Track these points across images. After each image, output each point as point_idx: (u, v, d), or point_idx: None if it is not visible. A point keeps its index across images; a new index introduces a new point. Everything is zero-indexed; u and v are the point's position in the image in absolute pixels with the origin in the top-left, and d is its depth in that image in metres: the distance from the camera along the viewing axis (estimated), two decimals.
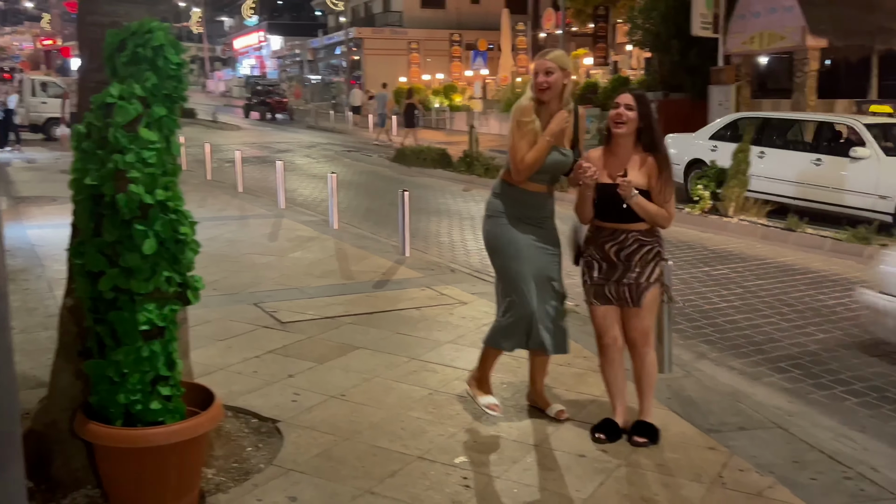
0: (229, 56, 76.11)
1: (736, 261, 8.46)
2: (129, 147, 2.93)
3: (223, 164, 17.39)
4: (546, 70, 3.82)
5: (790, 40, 17.69)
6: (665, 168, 3.75)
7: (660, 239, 3.85)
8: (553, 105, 3.87)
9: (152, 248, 2.91)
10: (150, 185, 2.95)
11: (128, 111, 2.96)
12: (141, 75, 2.99)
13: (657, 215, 3.74)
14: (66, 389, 3.37)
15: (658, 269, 3.81)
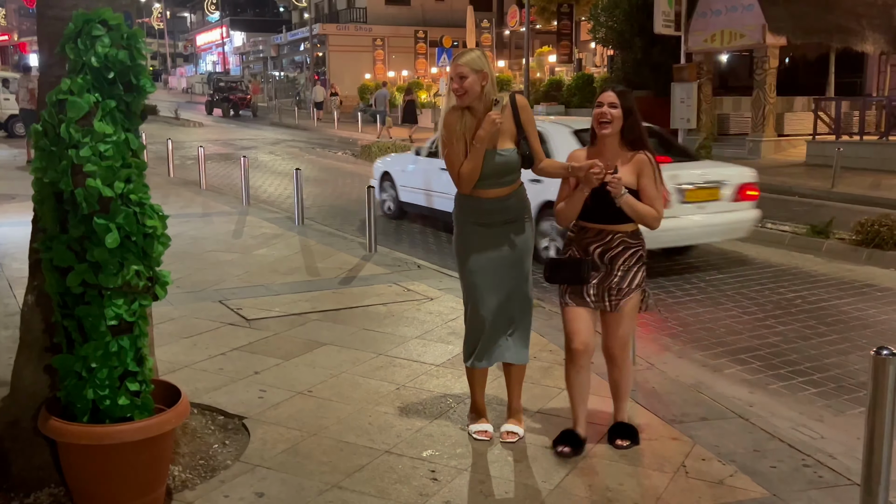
0: (191, 52, 75.20)
1: (697, 255, 8.58)
2: (84, 141, 2.90)
3: (186, 161, 17.20)
4: (459, 75, 3.62)
5: (750, 38, 17.98)
6: (652, 166, 3.60)
7: (643, 242, 3.71)
8: (478, 107, 3.66)
9: (115, 242, 2.88)
10: (109, 177, 2.91)
11: (80, 105, 2.92)
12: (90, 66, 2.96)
13: (646, 215, 3.58)
14: (27, 388, 3.32)
15: (640, 273, 3.68)
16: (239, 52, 63.47)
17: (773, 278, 7.56)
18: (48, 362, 3.22)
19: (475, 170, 3.66)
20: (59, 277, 2.99)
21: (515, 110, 3.71)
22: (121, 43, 3.02)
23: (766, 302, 6.76)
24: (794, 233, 9.10)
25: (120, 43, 3.01)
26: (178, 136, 23.32)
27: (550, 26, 31.90)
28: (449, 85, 3.70)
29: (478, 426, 3.91)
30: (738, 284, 7.32)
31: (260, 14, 67.38)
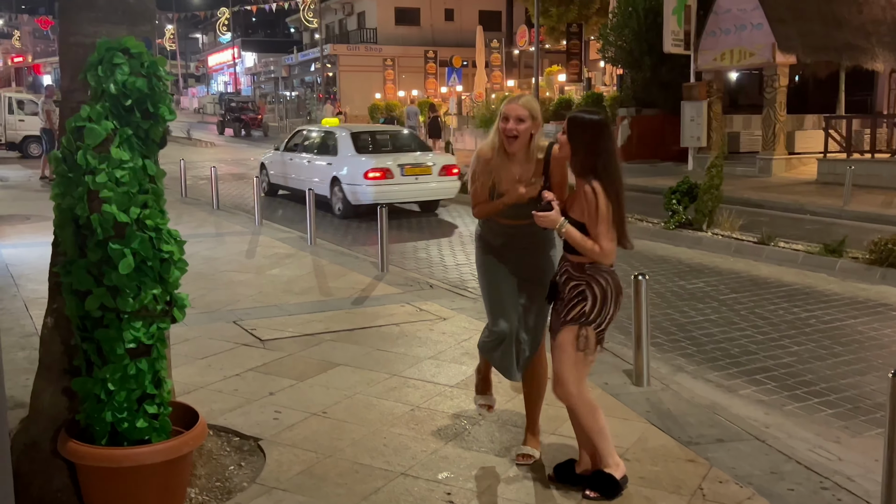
0: (203, 73, 75.88)
1: (710, 274, 8.57)
2: (100, 167, 2.94)
3: (198, 181, 17.32)
4: (518, 117, 3.57)
5: (760, 57, 18.01)
6: (589, 203, 3.35)
7: (594, 278, 3.43)
8: (520, 154, 3.63)
9: (129, 267, 2.92)
10: (125, 203, 2.95)
11: (97, 132, 2.97)
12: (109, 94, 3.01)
13: (584, 248, 3.38)
14: (46, 409, 3.35)
15: (578, 308, 3.43)
16: (250, 73, 64.02)
17: (787, 298, 7.53)
18: (67, 384, 3.25)
19: (489, 214, 3.74)
20: (78, 301, 3.03)
21: (548, 162, 3.66)
22: (140, 71, 3.07)
23: (780, 322, 6.73)
24: (806, 251, 9.07)
25: (139, 71, 3.07)
26: (191, 156, 23.47)
27: (560, 46, 32.04)
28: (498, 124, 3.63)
29: (482, 398, 4.05)
30: (751, 304, 7.30)
31: (271, 35, 68.05)
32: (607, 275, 3.45)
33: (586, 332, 3.45)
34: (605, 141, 3.41)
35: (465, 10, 46.63)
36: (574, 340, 3.45)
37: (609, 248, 3.39)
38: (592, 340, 3.47)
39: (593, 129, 3.40)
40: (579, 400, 3.49)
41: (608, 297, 3.44)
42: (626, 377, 5.00)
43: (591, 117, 3.43)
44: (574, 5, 30.46)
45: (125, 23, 3.28)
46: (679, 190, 10.65)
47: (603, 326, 3.49)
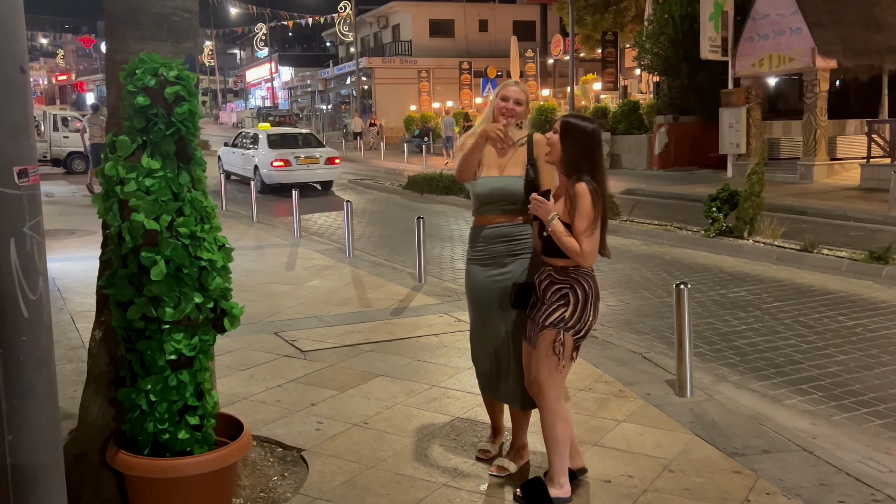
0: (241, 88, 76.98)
1: (752, 283, 8.44)
2: (129, 177, 2.99)
3: (237, 195, 17.53)
4: (516, 100, 3.74)
5: (799, 62, 17.76)
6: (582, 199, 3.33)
7: (577, 281, 3.41)
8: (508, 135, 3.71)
9: (161, 274, 2.94)
10: (154, 211, 2.98)
11: (126, 144, 3.02)
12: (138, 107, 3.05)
13: (568, 246, 3.34)
14: (95, 420, 3.41)
15: (559, 312, 3.39)
16: (287, 87, 64.77)
17: (832, 306, 7.39)
18: (114, 396, 3.30)
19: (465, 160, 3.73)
20: (122, 312, 3.08)
21: (531, 145, 3.76)
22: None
23: (825, 330, 6.60)
24: (851, 259, 8.89)
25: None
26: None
27: (595, 54, 31.94)
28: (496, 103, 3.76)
29: (483, 444, 4.02)
30: (795, 312, 7.17)
31: (307, 49, 68.86)
32: (589, 279, 3.45)
33: (563, 338, 3.39)
34: (596, 146, 3.46)
35: (499, 21, 46.71)
36: (551, 345, 3.39)
37: (590, 249, 3.35)
38: (569, 347, 3.41)
39: (586, 133, 3.43)
40: (552, 404, 3.43)
41: (588, 302, 3.43)
42: (669, 387, 4.95)
43: (586, 123, 3.47)
44: (609, 13, 30.34)
45: (169, 40, 3.34)
46: (719, 197, 10.52)
47: (581, 334, 3.44)
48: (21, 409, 1.88)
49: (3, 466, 1.88)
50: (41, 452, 1.89)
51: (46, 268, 1.97)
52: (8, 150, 1.88)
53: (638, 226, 11.88)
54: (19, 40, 1.86)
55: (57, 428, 1.89)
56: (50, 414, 1.90)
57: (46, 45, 77.89)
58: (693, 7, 20.15)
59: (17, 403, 1.86)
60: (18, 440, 1.85)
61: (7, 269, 1.87)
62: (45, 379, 1.91)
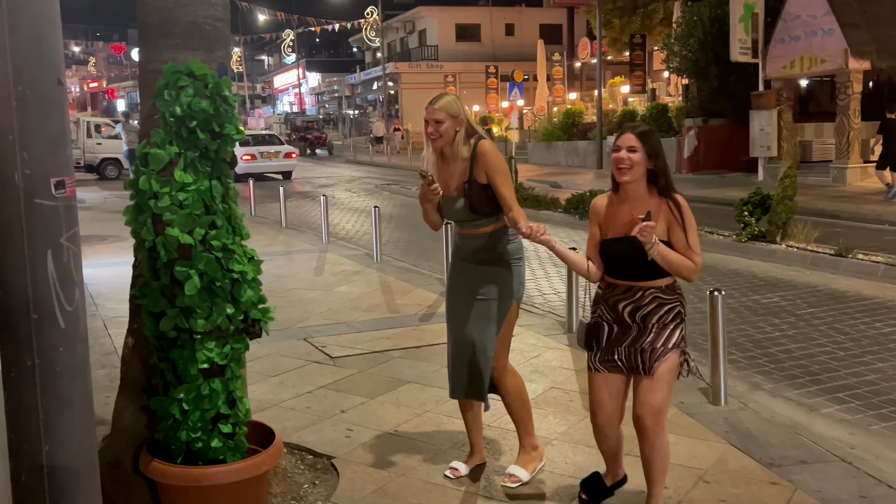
0: (269, 94, 77.59)
1: (786, 288, 8.32)
2: (162, 191, 3.00)
3: (266, 200, 17.65)
4: (435, 119, 3.63)
5: (831, 63, 17.50)
6: (682, 213, 3.18)
7: (682, 297, 3.29)
8: (449, 152, 3.70)
9: (195, 288, 2.95)
10: (188, 225, 2.99)
11: (160, 157, 3.03)
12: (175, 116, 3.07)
13: (680, 266, 3.16)
14: (128, 428, 3.42)
15: (678, 332, 3.24)
16: (315, 93, 65.20)
17: (868, 312, 7.25)
18: (147, 403, 3.32)
19: (426, 218, 3.85)
20: (154, 322, 3.09)
21: (473, 160, 3.64)
22: (204, 92, 3.11)
23: (861, 337, 6.48)
24: (888, 263, 8.72)
25: (203, 92, 3.11)
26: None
27: (622, 57, 31.75)
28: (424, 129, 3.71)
29: (453, 463, 3.91)
30: (830, 319, 7.05)
31: (334, 55, 69.27)
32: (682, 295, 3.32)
33: (685, 357, 3.28)
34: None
35: (525, 25, 46.67)
36: (677, 368, 3.24)
37: (701, 264, 3.23)
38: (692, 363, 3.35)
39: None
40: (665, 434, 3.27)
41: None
42: (703, 396, 4.88)
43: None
44: (637, 16, 30.15)
45: (202, 49, 3.35)
46: (751, 201, 10.38)
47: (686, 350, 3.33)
48: (58, 419, 1.89)
49: (41, 475, 1.90)
50: (77, 462, 1.90)
51: (83, 278, 1.98)
52: (45, 161, 1.89)
53: None
54: (56, 53, 1.88)
55: (93, 438, 1.90)
56: (86, 424, 1.91)
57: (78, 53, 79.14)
58: (722, 9, 19.94)
59: (54, 414, 1.88)
60: (55, 450, 1.86)
61: (44, 279, 1.88)
62: (82, 390, 1.92)
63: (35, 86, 1.90)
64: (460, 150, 3.67)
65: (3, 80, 1.88)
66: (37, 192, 1.90)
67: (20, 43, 1.87)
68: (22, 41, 1.88)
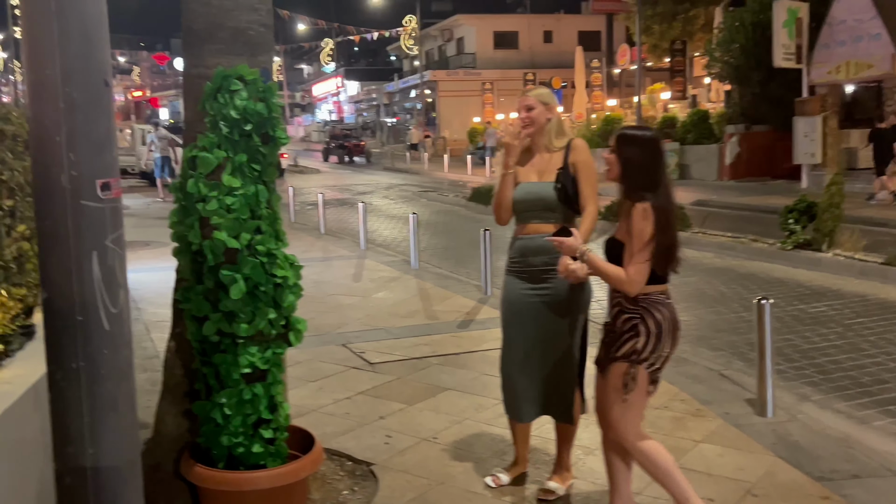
0: (308, 102, 78.33)
1: (833, 297, 8.11)
2: (211, 195, 3.00)
3: (305, 207, 17.78)
4: (527, 106, 3.62)
5: (878, 69, 17.15)
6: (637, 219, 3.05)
7: (648, 311, 3.10)
8: (538, 141, 3.65)
9: (240, 293, 2.95)
10: (235, 229, 3.00)
11: (209, 161, 3.03)
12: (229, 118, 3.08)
13: (607, 276, 3.11)
14: (170, 432, 3.43)
15: (629, 344, 3.10)
16: (353, 101, 65.67)
17: None
18: (188, 407, 3.32)
19: (499, 197, 3.67)
20: (197, 326, 3.10)
21: (567, 150, 3.63)
22: (258, 95, 3.13)
23: None
24: None
25: (257, 96, 3.13)
26: (298, 182, 24.18)
27: (663, 63, 31.47)
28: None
29: (495, 471, 3.84)
30: (881, 329, 6.85)
31: (373, 63, 69.71)
32: (663, 307, 3.13)
33: (635, 372, 3.10)
34: (656, 158, 3.16)
35: (563, 31, 46.47)
36: (621, 379, 3.12)
37: (635, 275, 3.05)
38: (643, 381, 3.12)
39: (644, 145, 3.16)
40: (635, 443, 3.17)
41: (663, 332, 3.10)
42: (749, 406, 4.76)
43: (644, 134, 3.22)
44: (677, 22, 29.87)
45: (245, 54, 3.36)
46: (796, 209, 10.17)
47: (658, 366, 3.14)
48: (102, 422, 1.89)
49: (84, 477, 1.90)
50: (121, 465, 1.90)
51: (127, 281, 1.98)
52: (92, 163, 1.90)
53: (710, 238, 11.58)
54: (104, 53, 1.88)
55: (137, 441, 1.90)
56: (130, 427, 1.91)
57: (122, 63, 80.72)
58: (765, 14, 19.66)
59: (99, 417, 1.87)
60: (99, 453, 1.86)
61: (89, 281, 1.88)
62: (126, 392, 1.92)
63: (82, 87, 1.91)
64: (552, 140, 3.65)
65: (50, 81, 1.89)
66: (83, 194, 1.91)
67: (69, 44, 1.88)
68: (70, 42, 1.88)
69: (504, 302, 3.76)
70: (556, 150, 3.64)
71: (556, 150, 3.64)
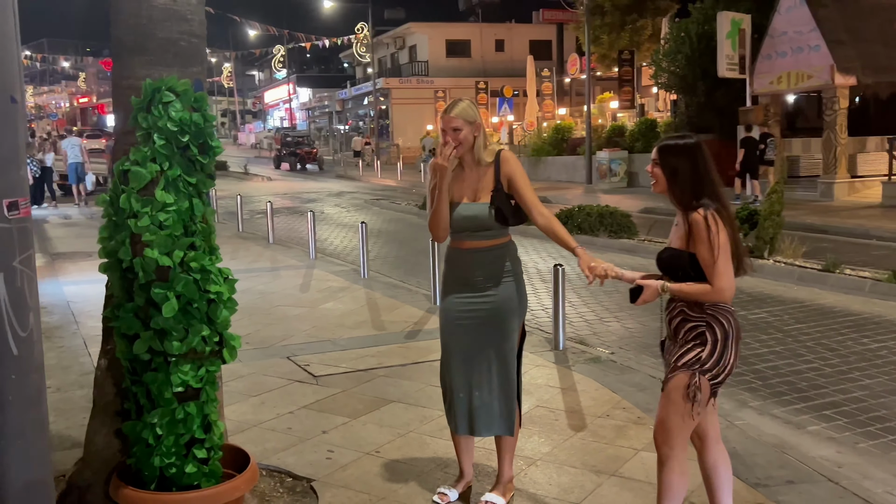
0: (260, 109, 77.59)
1: (773, 304, 8.29)
2: (143, 211, 2.93)
3: (254, 216, 17.58)
4: (453, 128, 3.51)
5: (818, 79, 17.62)
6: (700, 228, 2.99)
7: (716, 318, 3.04)
8: (468, 158, 3.58)
9: (173, 311, 2.88)
10: (168, 246, 2.93)
11: (142, 175, 2.96)
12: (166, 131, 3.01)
13: (701, 297, 3.03)
14: (100, 451, 3.34)
15: (695, 353, 3.03)
16: (305, 108, 65.23)
17: (855, 328, 7.23)
18: (120, 427, 3.24)
19: (433, 217, 3.60)
20: (127, 344, 3.02)
21: (498, 164, 3.57)
22: (192, 106, 3.07)
23: (849, 353, 6.45)
24: (874, 279, 8.72)
25: (191, 106, 3.07)
26: (247, 190, 23.92)
27: (611, 73, 31.91)
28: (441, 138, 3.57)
29: (441, 488, 3.79)
30: (817, 335, 7.02)
31: (325, 70, 69.44)
32: (729, 315, 3.06)
33: (699, 382, 3.01)
34: (705, 164, 3.10)
35: (515, 41, 46.86)
36: (685, 389, 3.02)
37: (727, 285, 2.98)
38: (706, 392, 3.04)
39: (690, 153, 3.10)
40: (677, 453, 3.10)
41: (729, 341, 3.04)
42: None
43: (686, 142, 3.14)
44: (625, 32, 30.36)
45: (176, 65, 3.30)
46: (739, 216, 10.37)
47: (720, 378, 3.06)
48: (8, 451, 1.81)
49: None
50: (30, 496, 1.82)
51: (38, 303, 1.92)
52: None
53: (657, 245, 11.73)
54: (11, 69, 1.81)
55: (48, 471, 1.83)
56: (40, 457, 1.84)
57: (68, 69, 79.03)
58: (710, 25, 20.08)
59: (5, 446, 1.80)
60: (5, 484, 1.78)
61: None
62: (36, 420, 1.85)
63: None
64: (481, 155, 3.58)
65: None
66: None
67: None
68: None
69: (441, 312, 3.76)
70: (486, 164, 3.60)
71: (486, 164, 3.60)
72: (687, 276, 3.07)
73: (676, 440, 3.09)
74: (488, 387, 3.61)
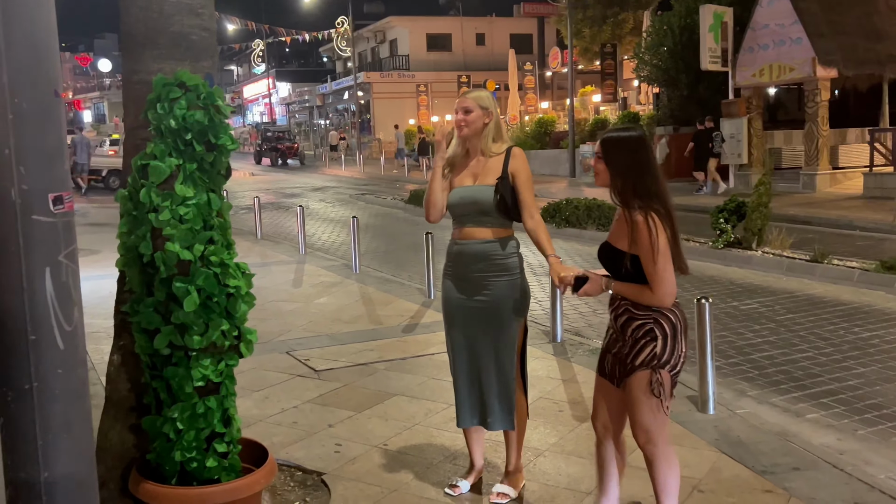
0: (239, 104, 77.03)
1: (764, 294, 8.38)
2: (163, 205, 2.93)
3: (239, 211, 17.47)
4: (464, 108, 3.57)
5: (799, 72, 17.77)
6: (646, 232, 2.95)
7: (662, 314, 3.04)
8: (475, 144, 3.62)
9: (194, 304, 2.89)
10: (188, 240, 2.93)
11: (161, 170, 2.95)
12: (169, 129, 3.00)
13: (641, 300, 3.03)
14: (114, 447, 3.33)
15: (648, 350, 3.03)
16: (285, 103, 64.87)
17: (846, 317, 7.33)
18: (135, 422, 3.23)
19: (429, 194, 3.65)
20: (147, 339, 3.01)
21: (507, 158, 3.59)
22: (197, 103, 3.05)
23: (841, 342, 6.54)
24: (862, 269, 8.84)
25: (196, 104, 3.04)
26: (229, 185, 23.77)
27: (593, 66, 32.03)
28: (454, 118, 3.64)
29: (453, 480, 3.82)
30: (809, 324, 7.11)
31: (305, 65, 69.08)
32: (674, 308, 3.08)
33: (660, 377, 3.03)
34: (647, 158, 3.06)
35: (496, 35, 46.89)
36: (648, 387, 3.04)
37: (668, 290, 2.99)
38: (668, 384, 3.06)
39: (632, 146, 3.06)
40: (665, 448, 3.13)
41: (678, 333, 3.06)
42: (691, 403, 4.88)
43: (629, 134, 3.09)
44: (607, 25, 30.44)
45: (188, 59, 3.28)
46: (727, 208, 10.48)
47: (678, 368, 3.09)
48: (57, 445, 1.81)
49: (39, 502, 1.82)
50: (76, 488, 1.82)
51: (81, 297, 1.91)
52: (43, 176, 1.82)
53: None
54: (53, 62, 1.81)
55: (92, 463, 1.83)
56: (85, 449, 1.84)
57: None
58: (692, 18, 20.18)
59: (52, 439, 1.80)
60: (54, 478, 1.78)
61: (42, 299, 1.81)
62: (81, 413, 1.85)
63: (32, 97, 1.83)
64: (489, 144, 3.60)
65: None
66: (34, 209, 1.83)
67: (16, 52, 1.80)
68: (18, 50, 1.81)
69: (444, 306, 3.78)
70: (494, 156, 3.60)
71: (494, 156, 3.60)
72: (628, 274, 3.07)
73: (657, 436, 3.10)
74: (488, 381, 3.63)
